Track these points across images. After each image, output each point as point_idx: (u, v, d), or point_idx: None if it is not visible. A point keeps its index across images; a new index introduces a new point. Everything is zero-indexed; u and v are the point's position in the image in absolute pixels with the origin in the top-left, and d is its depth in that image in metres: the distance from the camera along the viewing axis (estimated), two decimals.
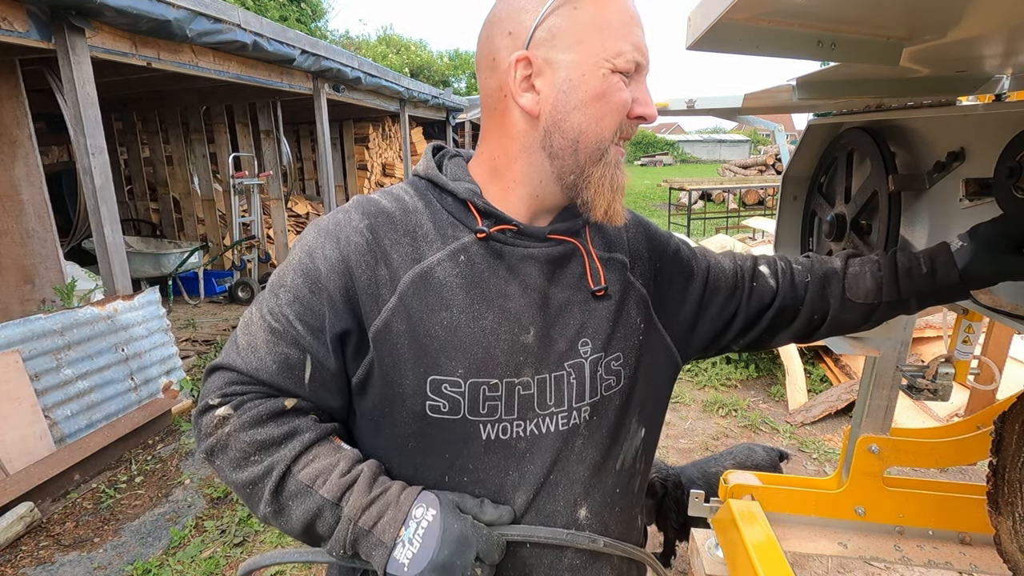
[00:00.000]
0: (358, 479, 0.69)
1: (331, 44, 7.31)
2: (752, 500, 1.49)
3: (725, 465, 2.32)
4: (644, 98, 0.73)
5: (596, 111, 0.70)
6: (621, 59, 0.69)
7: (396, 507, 0.67)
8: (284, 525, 0.70)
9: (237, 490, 0.71)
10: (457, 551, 0.65)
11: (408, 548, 0.65)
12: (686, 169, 36.66)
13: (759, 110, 1.61)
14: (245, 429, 0.69)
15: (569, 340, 0.76)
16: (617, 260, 0.83)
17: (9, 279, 4.39)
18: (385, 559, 0.65)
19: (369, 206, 0.75)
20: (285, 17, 19.97)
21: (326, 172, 7.17)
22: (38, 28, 3.35)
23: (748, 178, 17.32)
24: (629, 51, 0.70)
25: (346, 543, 0.67)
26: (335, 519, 0.67)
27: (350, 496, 0.68)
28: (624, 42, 0.70)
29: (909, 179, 1.02)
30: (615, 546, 0.79)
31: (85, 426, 3.40)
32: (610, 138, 0.72)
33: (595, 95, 0.70)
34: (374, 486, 0.69)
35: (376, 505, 0.67)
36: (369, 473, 0.70)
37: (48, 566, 2.54)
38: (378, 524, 0.66)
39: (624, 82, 0.71)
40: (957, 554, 1.45)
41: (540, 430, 0.74)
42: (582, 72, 0.69)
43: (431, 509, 0.67)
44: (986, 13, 0.61)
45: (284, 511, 0.69)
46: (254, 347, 0.72)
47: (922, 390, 1.32)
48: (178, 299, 6.93)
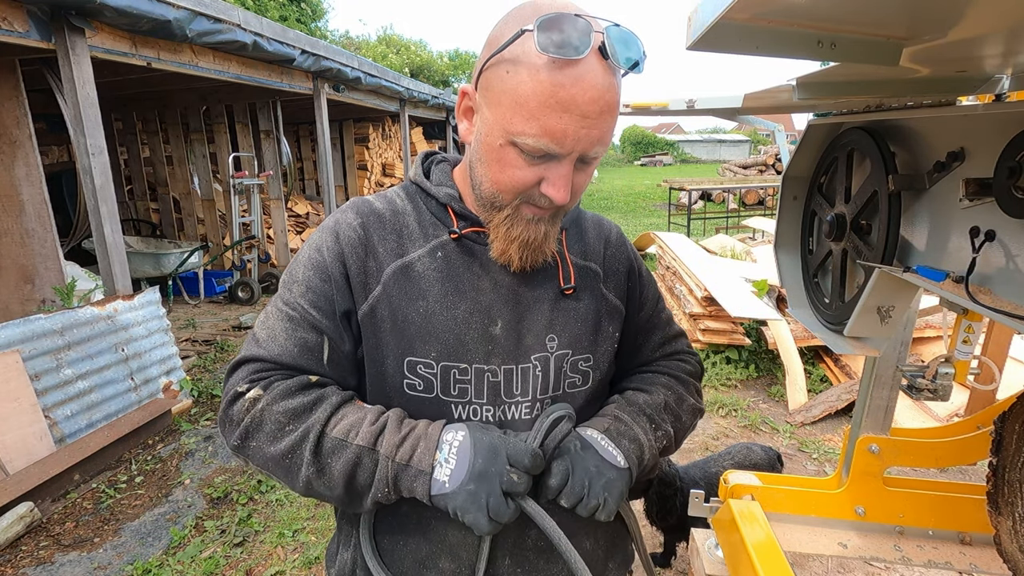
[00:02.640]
0: (387, 424, 0.74)
1: (331, 44, 7.31)
2: (752, 500, 1.49)
3: (724, 465, 2.32)
4: (555, 179, 0.71)
5: (493, 172, 0.74)
6: (522, 139, 0.69)
7: (427, 438, 0.72)
8: (327, 484, 0.72)
9: (275, 464, 0.73)
10: (490, 458, 0.69)
11: (445, 467, 0.69)
12: (686, 169, 36.66)
13: (759, 110, 1.61)
14: (277, 402, 0.74)
15: (536, 335, 0.82)
16: (591, 269, 0.89)
17: (9, 279, 4.39)
18: (427, 485, 0.69)
19: (363, 207, 0.85)
20: (285, 17, 19.97)
21: (326, 172, 7.17)
22: (38, 28, 3.35)
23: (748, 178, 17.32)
24: (533, 135, 0.68)
25: (389, 482, 0.70)
26: (373, 464, 0.71)
27: (383, 439, 0.72)
28: (532, 125, 0.67)
29: (909, 179, 1.02)
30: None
31: (85, 426, 3.40)
32: (509, 199, 0.75)
33: (494, 160, 0.74)
34: (402, 426, 0.74)
35: (408, 440, 0.71)
36: (396, 417, 0.75)
37: (48, 566, 2.54)
38: (414, 456, 0.70)
39: (524, 160, 0.71)
40: (957, 554, 1.45)
41: (507, 416, 0.82)
42: (488, 132, 0.73)
43: (460, 431, 0.72)
44: (986, 13, 0.61)
45: (325, 470, 0.71)
46: (273, 337, 0.78)
47: (922, 390, 1.32)
48: (178, 299, 6.93)
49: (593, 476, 0.75)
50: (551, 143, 0.68)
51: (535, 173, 0.72)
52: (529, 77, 0.67)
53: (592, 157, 0.73)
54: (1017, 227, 0.83)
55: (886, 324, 1.13)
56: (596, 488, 0.75)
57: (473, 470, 0.68)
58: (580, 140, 0.69)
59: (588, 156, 0.72)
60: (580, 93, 0.66)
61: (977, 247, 0.88)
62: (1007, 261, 0.85)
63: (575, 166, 0.72)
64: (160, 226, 8.17)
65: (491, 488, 0.67)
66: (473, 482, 0.67)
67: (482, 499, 0.67)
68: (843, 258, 1.22)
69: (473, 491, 0.67)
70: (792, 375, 4.16)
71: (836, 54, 0.71)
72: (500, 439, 0.71)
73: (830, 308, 1.27)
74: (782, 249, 1.47)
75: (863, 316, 1.11)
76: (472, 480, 0.68)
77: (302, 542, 2.70)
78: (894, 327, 1.14)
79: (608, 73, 0.67)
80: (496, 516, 0.67)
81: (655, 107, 1.74)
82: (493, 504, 0.67)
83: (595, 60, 0.66)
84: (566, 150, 0.69)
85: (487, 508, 0.67)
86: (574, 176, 0.73)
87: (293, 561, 2.57)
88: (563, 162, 0.71)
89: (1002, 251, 0.86)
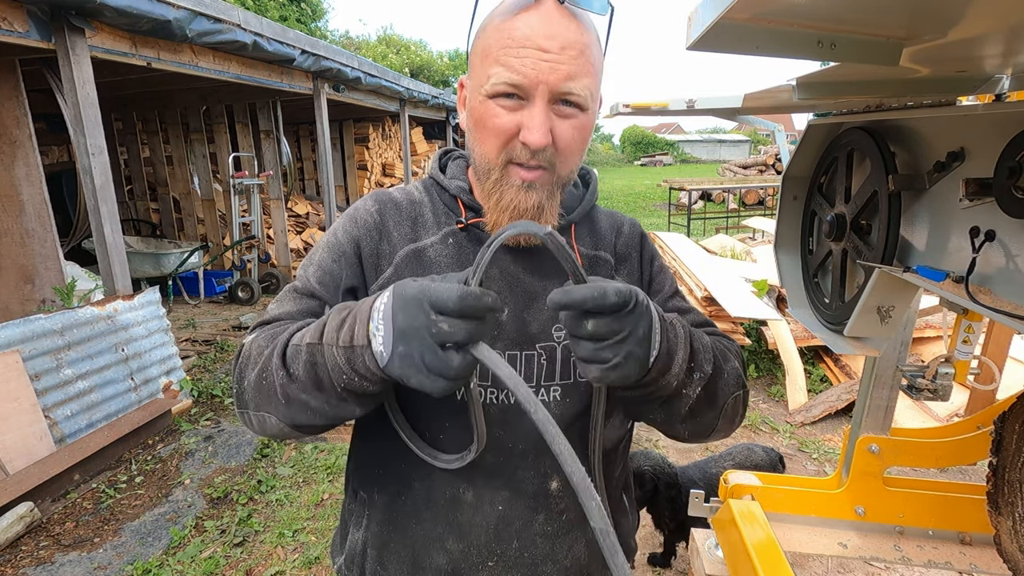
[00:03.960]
0: (329, 315, 0.70)
1: (331, 44, 7.31)
2: (752, 500, 1.49)
3: (724, 465, 2.32)
4: (529, 122, 0.72)
5: (479, 135, 0.77)
6: (489, 84, 0.72)
7: (361, 312, 0.66)
8: (302, 390, 0.69)
9: (258, 389, 0.72)
10: (411, 311, 0.59)
11: (378, 336, 0.62)
12: (686, 169, 36.66)
13: (759, 110, 1.61)
14: (263, 334, 0.76)
15: (542, 323, 0.82)
16: (602, 258, 0.89)
17: (9, 279, 4.39)
18: (373, 359, 0.63)
19: (382, 195, 0.89)
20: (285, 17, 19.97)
21: (326, 172, 7.17)
22: (38, 28, 3.35)
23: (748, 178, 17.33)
24: (498, 74, 0.71)
25: (345, 369, 0.65)
26: (323, 356, 0.67)
27: (326, 330, 0.68)
28: (497, 66, 0.71)
29: (909, 179, 1.02)
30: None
31: (85, 426, 3.40)
32: (495, 160, 0.76)
33: (476, 120, 0.77)
34: (342, 312, 0.69)
35: (347, 322, 0.66)
36: (338, 307, 0.70)
37: (48, 566, 2.54)
38: (354, 335, 0.64)
39: (505, 107, 0.72)
40: (957, 554, 1.45)
41: (509, 400, 0.81)
42: (471, 99, 0.77)
43: (386, 292, 0.64)
44: (986, 13, 0.61)
45: (294, 377, 0.69)
46: (281, 304, 0.83)
47: (922, 390, 1.32)
48: (178, 299, 6.93)
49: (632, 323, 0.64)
50: (513, 75, 0.70)
51: (513, 120, 0.73)
52: (492, 32, 0.73)
53: (569, 98, 0.72)
54: (1017, 227, 0.83)
55: (886, 324, 1.13)
56: (633, 337, 0.63)
57: (396, 329, 0.60)
58: (543, 72, 0.69)
59: (562, 95, 0.72)
60: (536, 32, 0.70)
61: (977, 247, 0.88)
62: (1007, 261, 0.85)
63: (554, 111, 0.73)
64: (160, 226, 8.17)
65: (421, 344, 0.58)
66: (400, 342, 0.59)
67: (416, 358, 0.58)
68: (843, 258, 1.22)
69: (404, 352, 0.59)
70: (792, 375, 4.16)
71: (836, 54, 0.71)
72: (424, 286, 0.60)
73: (830, 308, 1.27)
74: (782, 249, 1.47)
75: (863, 316, 1.11)
76: (399, 340, 0.59)
77: (302, 542, 2.70)
78: (894, 327, 1.14)
79: (567, 16, 0.71)
80: (441, 372, 0.58)
81: (655, 107, 1.74)
82: (430, 361, 0.58)
83: (551, 4, 0.71)
84: (530, 81, 0.70)
85: (425, 367, 0.58)
86: (557, 125, 0.73)
87: (293, 561, 2.57)
88: (535, 103, 0.71)
89: (1002, 251, 0.86)
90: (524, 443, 0.82)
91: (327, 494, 3.08)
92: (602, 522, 0.48)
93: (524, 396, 0.54)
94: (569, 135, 0.75)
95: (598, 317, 0.61)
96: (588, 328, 0.60)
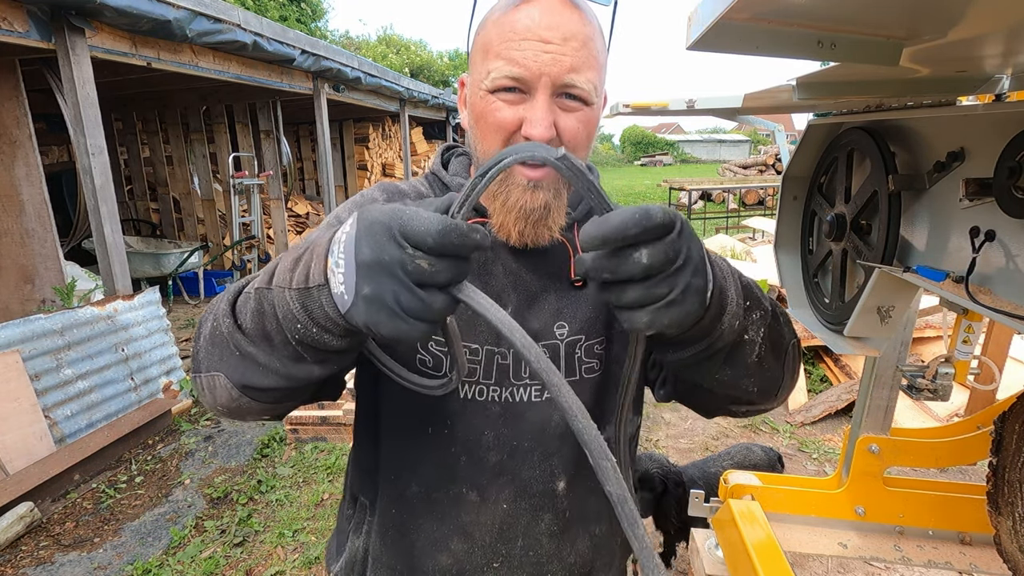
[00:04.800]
0: (283, 256, 0.59)
1: (331, 44, 7.31)
2: (752, 500, 1.49)
3: (724, 465, 2.32)
4: (532, 116, 0.69)
5: (481, 131, 0.74)
6: (490, 78, 0.70)
7: (318, 246, 0.54)
8: (249, 344, 0.59)
9: (210, 343, 0.63)
10: (379, 242, 0.47)
11: (338, 272, 0.49)
12: (686, 169, 36.66)
13: (759, 110, 1.61)
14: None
15: (543, 322, 0.80)
16: None
17: (9, 279, 4.39)
18: (333, 303, 0.51)
19: (389, 186, 0.87)
20: (285, 17, 19.98)
21: (326, 172, 7.17)
22: (38, 28, 3.35)
23: (748, 178, 17.33)
24: (499, 67, 0.69)
25: (299, 316, 0.53)
26: (271, 304, 0.56)
27: (278, 270, 0.57)
28: (498, 60, 0.69)
29: (909, 179, 1.02)
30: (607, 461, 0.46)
31: (85, 426, 3.40)
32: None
33: (477, 116, 0.74)
34: (299, 249, 0.57)
35: (303, 259, 0.55)
36: (295, 246, 0.59)
37: (48, 566, 2.54)
38: (309, 273, 0.53)
39: (506, 101, 0.70)
40: (957, 554, 1.45)
41: (514, 398, 0.79)
42: (472, 95, 0.75)
43: (350, 221, 0.51)
44: (986, 13, 0.61)
45: (242, 327, 0.59)
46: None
47: (922, 390, 1.32)
48: (178, 299, 6.93)
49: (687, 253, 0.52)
50: (515, 68, 0.68)
51: (515, 114, 0.70)
52: (492, 26, 0.71)
53: (572, 91, 0.70)
54: (1017, 227, 0.83)
55: (886, 324, 1.13)
56: (690, 263, 0.51)
57: (360, 265, 0.47)
58: (545, 64, 0.67)
59: (565, 88, 0.69)
60: (537, 23, 0.68)
61: (977, 247, 0.88)
62: (1007, 261, 0.85)
63: (558, 104, 0.70)
64: (160, 226, 8.17)
65: (395, 282, 0.46)
66: (366, 282, 0.47)
67: (387, 299, 0.46)
68: (843, 258, 1.22)
69: (370, 295, 0.47)
70: None
71: (836, 54, 0.71)
72: (397, 210, 0.48)
73: (830, 308, 1.27)
74: (782, 249, 1.47)
75: (863, 316, 1.11)
76: (364, 280, 0.47)
77: (302, 542, 2.70)
78: (894, 327, 1.14)
79: (569, 7, 0.69)
80: (421, 315, 0.47)
81: (655, 107, 1.74)
82: (407, 302, 0.46)
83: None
84: (531, 73, 0.68)
85: (401, 309, 0.46)
86: (561, 119, 0.70)
87: (293, 561, 2.57)
88: (537, 96, 0.69)
89: (1002, 251, 0.86)
90: (529, 441, 0.80)
91: (327, 494, 3.08)
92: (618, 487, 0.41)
93: (521, 342, 0.46)
94: (574, 129, 0.71)
95: (648, 245, 0.47)
96: (642, 260, 0.47)
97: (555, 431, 0.81)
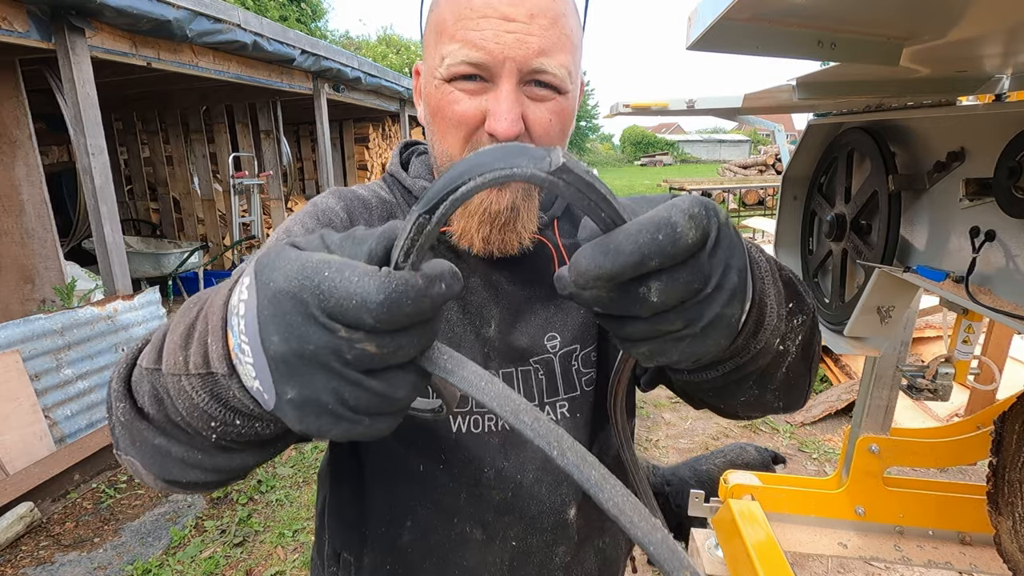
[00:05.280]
0: (172, 319, 0.45)
1: (331, 44, 7.31)
2: (752, 500, 1.49)
3: (716, 463, 2.32)
4: (495, 108, 0.60)
5: (438, 127, 0.64)
6: (444, 65, 0.60)
7: (212, 314, 0.39)
8: (158, 435, 0.45)
9: (115, 421, 0.49)
10: (289, 327, 0.32)
11: (245, 362, 0.35)
12: (686, 169, 36.67)
13: (759, 110, 1.61)
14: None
15: (532, 336, 0.71)
16: None
17: (9, 279, 4.39)
18: (251, 400, 0.38)
19: (345, 192, 0.74)
20: (285, 17, 19.99)
21: (326, 172, 7.17)
22: (38, 28, 3.35)
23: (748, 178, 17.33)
24: (454, 52, 0.59)
25: (211, 411, 0.40)
26: (167, 393, 0.43)
27: (166, 347, 0.43)
28: (452, 42, 0.60)
29: (909, 179, 1.02)
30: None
31: (85, 426, 3.39)
32: (458, 155, 0.63)
33: (433, 110, 0.64)
34: (188, 312, 0.43)
35: (196, 332, 0.40)
36: (186, 303, 0.45)
37: (48, 566, 2.54)
38: (209, 356, 0.39)
39: (465, 91, 0.61)
40: (957, 554, 1.45)
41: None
42: (427, 85, 0.65)
43: (246, 276, 0.36)
44: (986, 13, 0.61)
45: (145, 414, 0.46)
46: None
47: (922, 390, 1.32)
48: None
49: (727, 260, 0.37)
50: (473, 51, 0.58)
51: (476, 106, 0.61)
52: (445, 3, 0.62)
53: (542, 78, 0.60)
54: (1017, 227, 0.83)
55: (886, 324, 1.13)
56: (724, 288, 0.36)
57: (273, 360, 0.33)
58: (509, 46, 0.58)
59: (534, 74, 0.60)
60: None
61: (977, 247, 0.88)
62: (1007, 261, 0.85)
63: (526, 93, 0.61)
64: (160, 226, 8.17)
65: (332, 379, 0.32)
66: (288, 383, 0.33)
67: (327, 404, 0.33)
68: (843, 258, 1.22)
69: (299, 400, 0.33)
70: None
71: (836, 54, 0.71)
72: (304, 272, 0.32)
73: (830, 308, 1.27)
74: (782, 249, 1.47)
75: (863, 316, 1.11)
76: (284, 380, 0.33)
77: (302, 542, 2.70)
78: (894, 327, 1.14)
79: None
80: (380, 409, 0.34)
81: (655, 107, 1.74)
82: (356, 400, 0.33)
83: None
84: (493, 57, 0.58)
85: (350, 411, 0.33)
86: (530, 110, 0.61)
87: (293, 561, 2.57)
88: (501, 84, 0.60)
89: (1002, 251, 0.86)
90: (535, 472, 0.71)
91: None
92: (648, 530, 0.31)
93: (533, 429, 0.33)
94: (545, 121, 0.62)
95: (665, 274, 0.34)
96: (651, 298, 0.34)
97: None
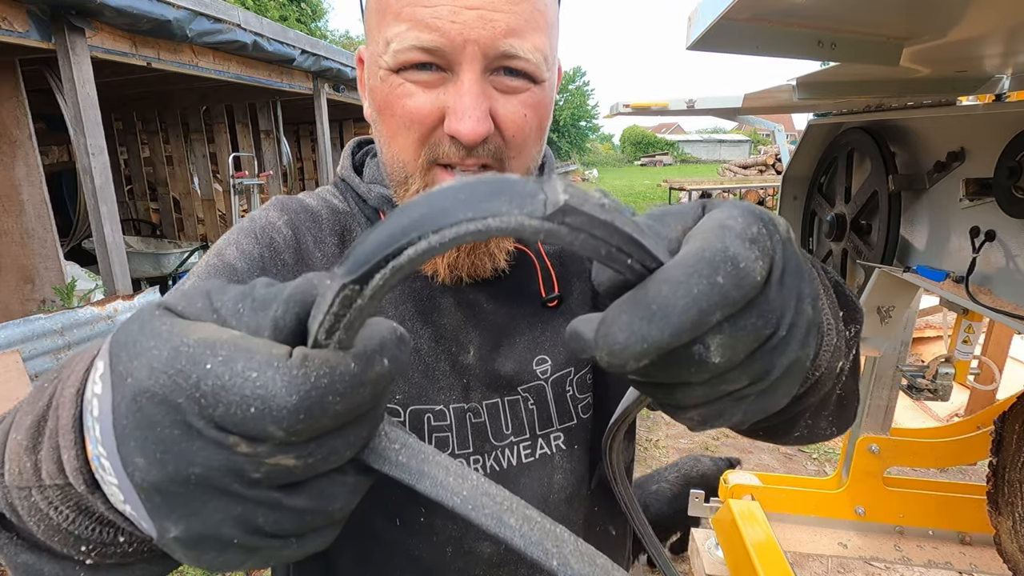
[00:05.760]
0: (16, 410, 0.35)
1: (331, 44, 7.32)
2: (752, 500, 1.49)
3: (667, 477, 2.32)
4: (456, 104, 0.49)
5: (386, 127, 0.54)
6: (390, 52, 0.49)
7: (63, 407, 0.29)
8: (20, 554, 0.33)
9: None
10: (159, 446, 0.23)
11: (108, 479, 0.26)
12: (686, 169, 36.70)
13: (759, 110, 1.61)
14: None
15: (518, 361, 0.62)
16: (576, 257, 0.67)
17: (9, 279, 4.39)
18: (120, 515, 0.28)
19: (289, 203, 0.64)
20: (285, 17, 20.01)
21: (326, 172, 7.18)
22: (38, 28, 3.35)
23: (748, 178, 17.35)
24: (402, 35, 0.48)
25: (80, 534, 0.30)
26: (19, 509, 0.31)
27: (8, 452, 0.31)
28: (398, 23, 0.48)
29: (909, 179, 1.02)
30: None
31: None
32: (414, 163, 0.53)
33: (380, 107, 0.53)
34: (36, 400, 0.32)
35: (48, 424, 0.30)
36: (35, 387, 0.34)
37: None
38: (63, 465, 0.29)
39: (418, 83, 0.50)
40: (957, 554, 1.45)
41: (501, 465, 0.60)
42: (371, 77, 0.54)
43: (100, 363, 0.26)
44: (986, 13, 0.61)
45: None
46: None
47: (922, 390, 1.32)
48: None
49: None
50: (424, 34, 0.47)
51: (432, 101, 0.50)
52: None
53: (513, 64, 0.50)
54: (1017, 227, 0.83)
55: (886, 324, 1.13)
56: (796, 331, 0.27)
57: (142, 489, 0.24)
58: (469, 26, 0.47)
59: (503, 59, 0.49)
60: None
61: (977, 247, 0.88)
62: (1007, 261, 0.86)
63: (494, 83, 0.51)
64: (160, 226, 8.17)
65: (235, 505, 0.24)
66: (166, 517, 0.24)
67: (232, 538, 0.25)
68: (843, 258, 1.22)
69: (186, 538, 0.25)
70: None
71: (836, 54, 0.71)
72: (182, 357, 0.23)
73: None
74: None
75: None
76: (162, 512, 0.24)
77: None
78: (894, 327, 1.14)
79: None
80: (313, 526, 0.27)
81: (655, 107, 1.74)
82: (275, 524, 0.25)
83: None
84: (452, 40, 0.47)
85: (268, 537, 0.25)
86: (500, 104, 0.51)
87: None
88: (463, 74, 0.49)
89: (1002, 251, 0.86)
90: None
91: None
92: None
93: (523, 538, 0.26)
94: (520, 116, 0.52)
95: (729, 324, 0.25)
96: (712, 358, 0.25)
97: (560, 495, 0.63)
